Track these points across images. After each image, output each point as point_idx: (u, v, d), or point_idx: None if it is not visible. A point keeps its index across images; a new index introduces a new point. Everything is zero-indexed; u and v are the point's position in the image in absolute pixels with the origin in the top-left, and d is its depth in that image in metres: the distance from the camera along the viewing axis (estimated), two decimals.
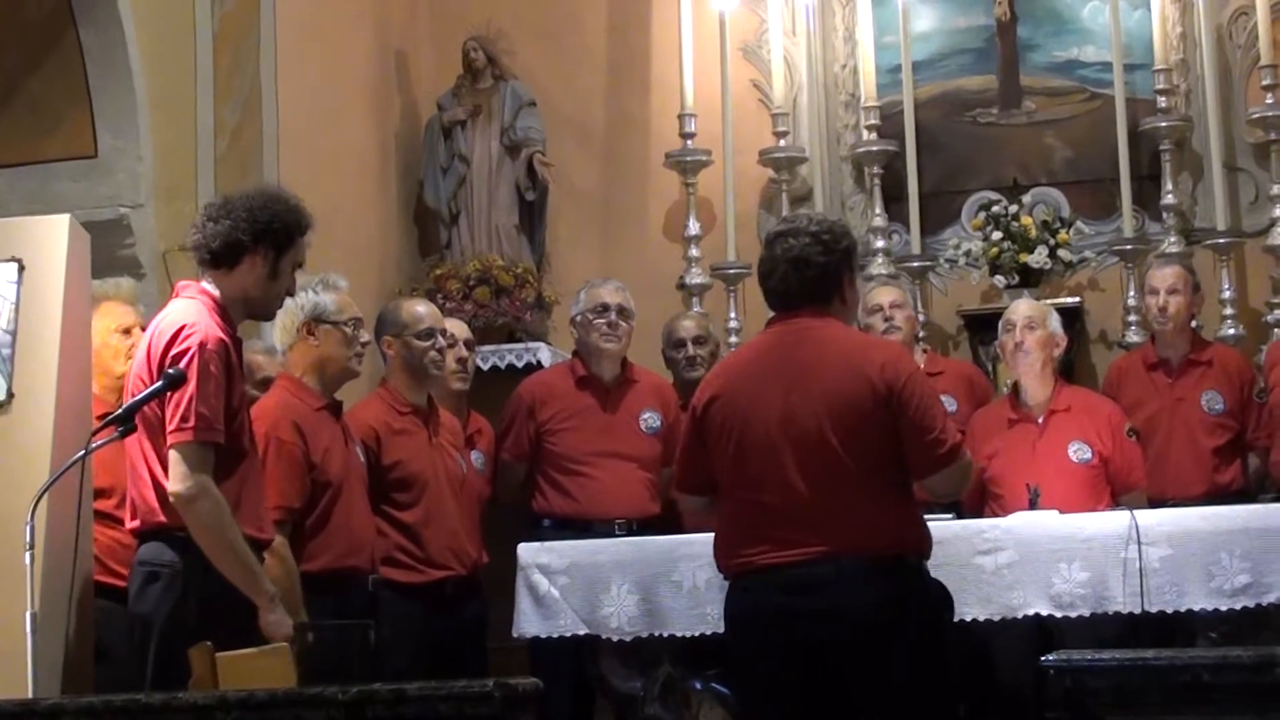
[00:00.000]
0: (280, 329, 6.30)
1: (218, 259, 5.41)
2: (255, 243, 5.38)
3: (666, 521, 7.56)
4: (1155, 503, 7.17)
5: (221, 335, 5.24)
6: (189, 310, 5.34)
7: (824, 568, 5.04)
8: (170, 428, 5.15)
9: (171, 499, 5.16)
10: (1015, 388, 7.45)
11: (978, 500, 7.15)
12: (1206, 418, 7.80)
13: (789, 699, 5.09)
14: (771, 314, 5.43)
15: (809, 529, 5.06)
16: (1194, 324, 8.28)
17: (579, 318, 7.76)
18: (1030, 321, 7.36)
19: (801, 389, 5.15)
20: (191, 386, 5.13)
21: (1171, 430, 7.69)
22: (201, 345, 5.19)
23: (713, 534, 5.42)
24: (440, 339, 7.01)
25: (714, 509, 5.41)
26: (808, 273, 5.26)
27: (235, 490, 5.28)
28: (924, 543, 5.24)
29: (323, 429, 6.20)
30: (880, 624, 5.02)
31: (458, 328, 7.59)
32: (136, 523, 5.32)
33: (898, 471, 5.18)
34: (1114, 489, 7.16)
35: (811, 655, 5.05)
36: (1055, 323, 7.48)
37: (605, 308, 7.69)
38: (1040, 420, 7.26)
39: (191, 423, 5.13)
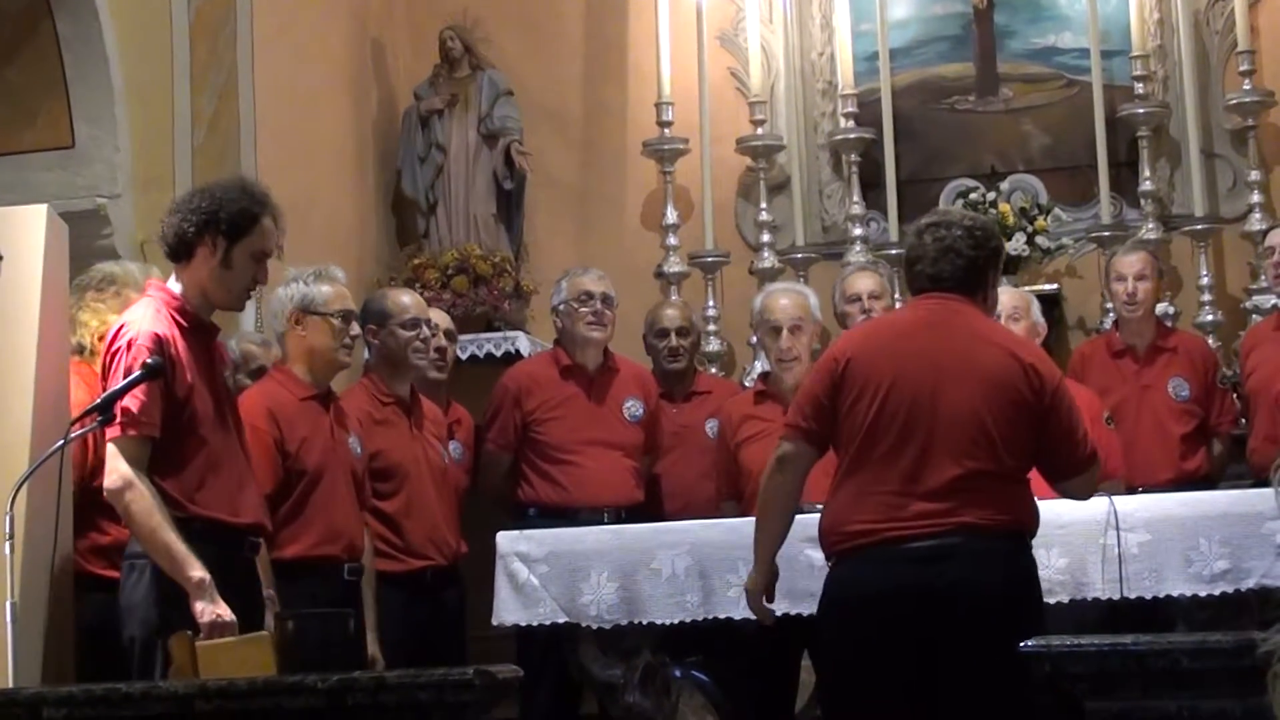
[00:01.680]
0: (274, 316, 6.33)
1: (173, 253, 5.45)
2: (200, 234, 5.38)
3: (650, 509, 7.58)
4: (1125, 489, 7.18)
5: (158, 331, 5.24)
6: (136, 309, 5.41)
7: (956, 539, 5.10)
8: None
9: (105, 493, 5.20)
10: None
11: None
12: (1173, 404, 7.81)
13: (899, 673, 5.11)
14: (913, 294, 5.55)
15: (945, 502, 5.12)
16: (1170, 309, 8.30)
17: (562, 306, 7.74)
18: (1015, 312, 7.35)
19: (957, 365, 5.22)
20: (130, 379, 5.15)
21: (1139, 417, 7.69)
22: (130, 343, 5.23)
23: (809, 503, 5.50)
24: (425, 329, 7.02)
25: (804, 465, 5.41)
26: (958, 261, 5.37)
27: (196, 477, 5.32)
28: (1037, 526, 5.35)
29: (303, 419, 6.19)
30: (1005, 600, 5.11)
31: (440, 318, 7.58)
32: None
33: (1029, 462, 5.30)
34: None
35: (929, 628, 5.08)
36: (1037, 312, 7.49)
37: (589, 295, 7.66)
38: None
39: (118, 418, 5.17)
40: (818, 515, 5.38)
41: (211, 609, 5.09)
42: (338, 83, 9.08)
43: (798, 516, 5.51)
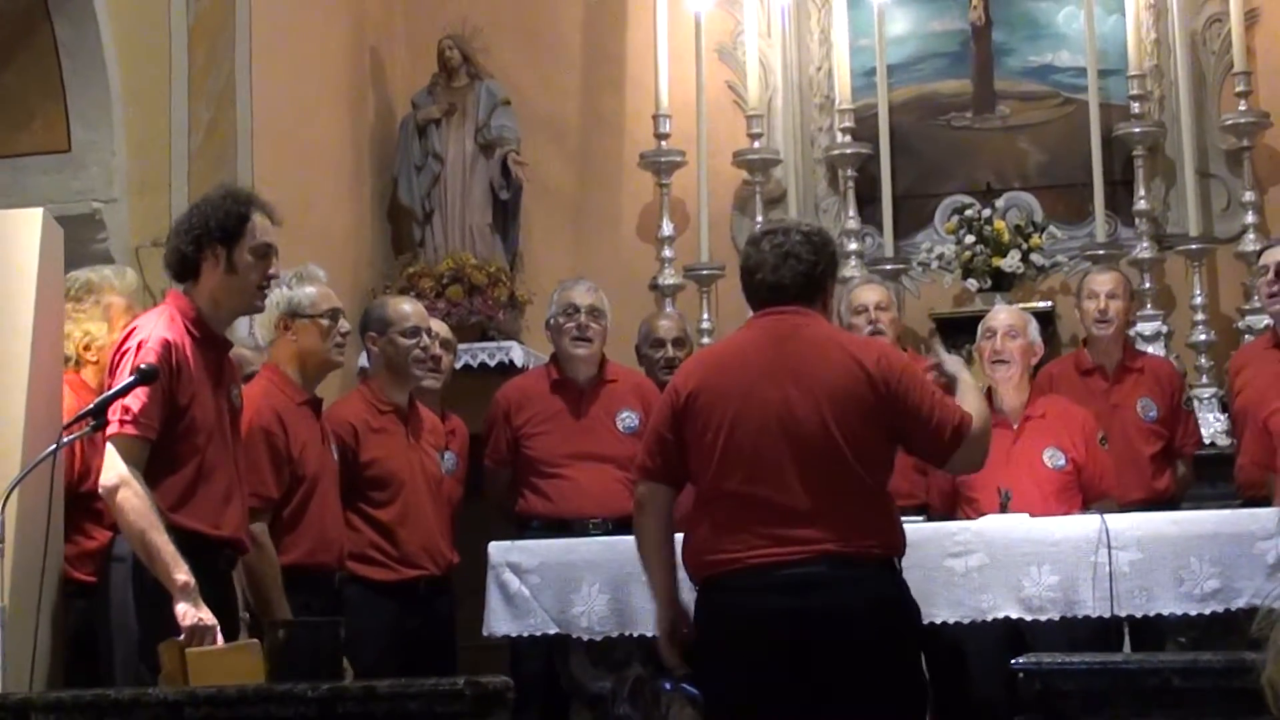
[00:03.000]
0: (260, 325, 6.34)
1: (180, 275, 5.50)
2: (200, 250, 5.42)
3: None
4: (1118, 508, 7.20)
5: (168, 337, 5.26)
6: (148, 316, 5.45)
7: (820, 567, 5.00)
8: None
9: (100, 490, 5.21)
10: (990, 393, 7.42)
11: (951, 504, 7.16)
12: (1142, 425, 7.80)
13: (770, 701, 5.05)
14: (751, 312, 5.41)
15: (807, 527, 5.01)
16: (1163, 328, 8.33)
17: (552, 321, 7.75)
18: (1011, 330, 7.33)
19: (800, 384, 5.10)
20: (121, 384, 5.17)
21: (1110, 436, 7.68)
22: (139, 345, 5.26)
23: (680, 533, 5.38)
24: (425, 338, 7.01)
25: (662, 504, 5.35)
26: (798, 267, 5.25)
27: (184, 485, 5.32)
28: (904, 546, 5.22)
29: (302, 423, 6.20)
30: (874, 625, 5.02)
31: (438, 326, 7.58)
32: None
33: (887, 473, 5.19)
34: (1086, 496, 7.14)
35: (801, 657, 5.00)
36: (1035, 331, 7.46)
37: (575, 309, 7.65)
38: (1015, 426, 7.25)
39: (118, 416, 5.19)
40: None
41: (194, 612, 5.09)
42: (335, 90, 9.08)
43: None
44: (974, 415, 5.26)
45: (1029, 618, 6.16)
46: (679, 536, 5.38)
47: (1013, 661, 4.50)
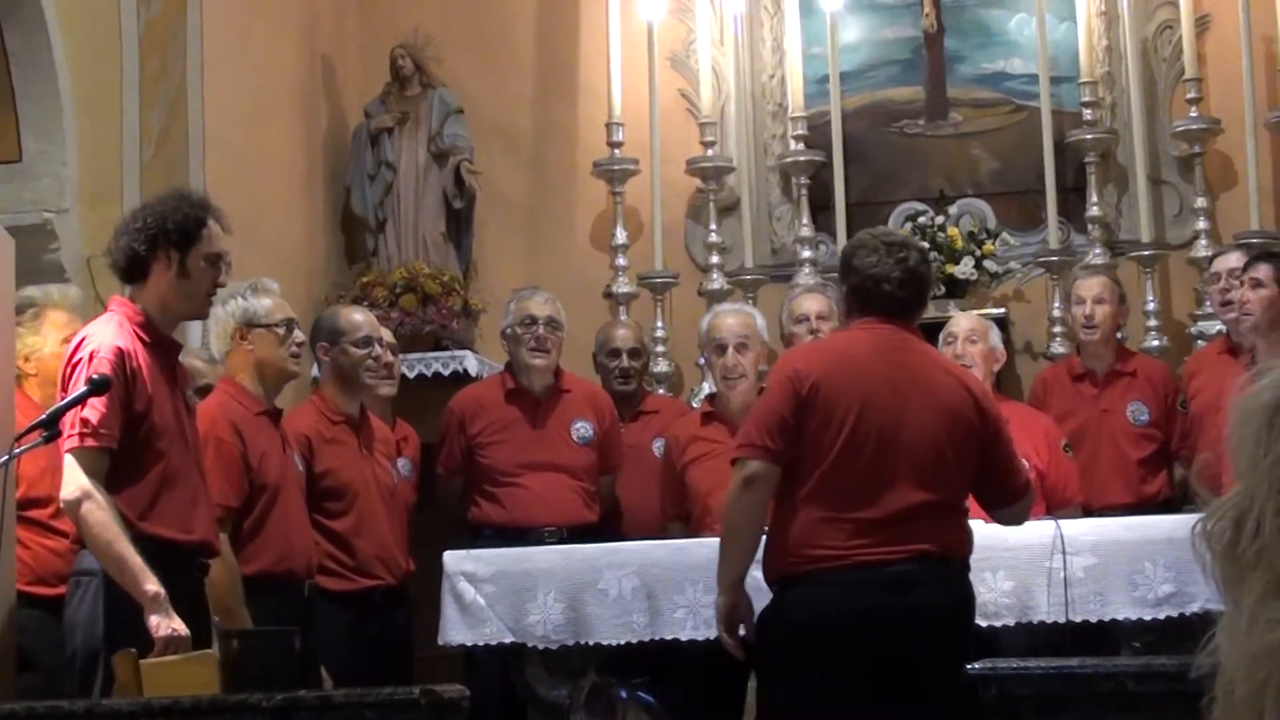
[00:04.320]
0: (216, 337, 6.32)
1: (128, 275, 5.46)
2: (152, 250, 5.40)
3: (603, 529, 7.57)
4: (1083, 513, 7.22)
5: (119, 344, 5.23)
6: (96, 324, 5.41)
7: (916, 565, 5.20)
8: (64, 436, 5.16)
9: (61, 504, 5.18)
10: None
11: None
12: (1132, 429, 7.84)
13: (856, 693, 5.16)
14: (853, 317, 5.59)
15: (909, 529, 5.20)
16: (1119, 335, 8.34)
17: (509, 330, 7.75)
18: (971, 335, 7.37)
19: (918, 395, 5.30)
20: (74, 395, 5.13)
21: (1098, 441, 7.71)
22: (91, 355, 5.22)
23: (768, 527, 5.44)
24: (377, 347, 7.01)
25: (772, 486, 5.37)
26: (920, 287, 5.49)
27: (149, 492, 5.31)
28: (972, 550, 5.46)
29: (260, 433, 6.19)
30: (955, 623, 5.28)
31: (382, 332, 7.58)
32: (73, 532, 5.34)
33: (971, 486, 5.44)
34: (1049, 504, 7.14)
35: (889, 651, 5.16)
36: (995, 337, 7.50)
37: (532, 320, 7.67)
38: None
39: (75, 429, 5.16)
40: None
41: (167, 623, 5.07)
42: (288, 99, 9.05)
43: None
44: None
45: (984, 624, 6.16)
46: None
47: (968, 666, 4.51)
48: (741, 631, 5.46)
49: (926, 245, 5.66)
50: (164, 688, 4.74)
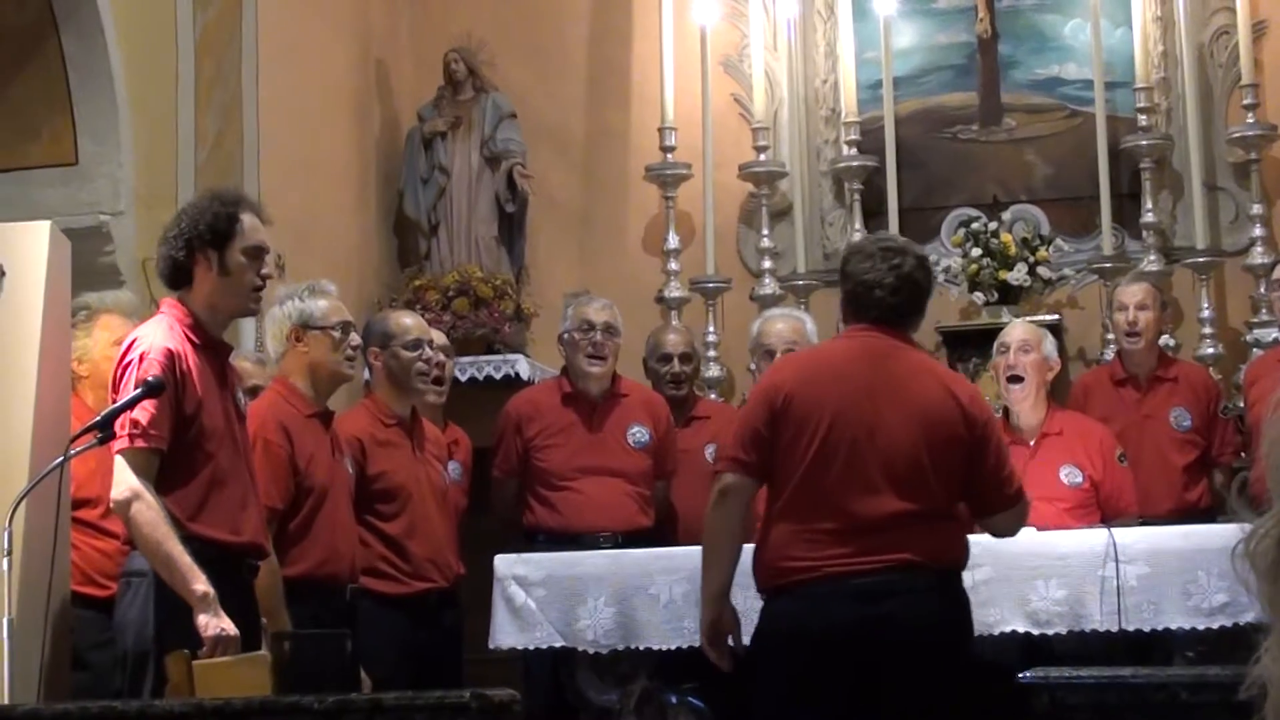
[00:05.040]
0: (270, 337, 6.34)
1: (174, 281, 5.47)
2: (191, 254, 5.40)
3: (658, 535, 7.56)
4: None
5: (170, 346, 5.24)
6: (147, 326, 5.42)
7: (895, 575, 5.11)
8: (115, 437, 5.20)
9: (111, 505, 5.19)
10: (1006, 410, 7.38)
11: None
12: (1175, 434, 7.80)
13: (839, 707, 5.12)
14: (847, 323, 5.56)
15: (885, 538, 5.12)
16: (1170, 341, 8.31)
17: (565, 335, 7.74)
18: (1025, 345, 7.31)
19: (895, 402, 5.22)
20: (128, 397, 5.16)
21: (1140, 447, 7.66)
22: (141, 356, 5.23)
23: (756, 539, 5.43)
24: (427, 349, 7.01)
25: (748, 498, 5.40)
26: (915, 292, 5.39)
27: (199, 493, 5.31)
28: (967, 559, 5.38)
29: (309, 435, 6.20)
30: (940, 634, 5.16)
31: (435, 335, 7.59)
32: (123, 533, 5.36)
33: (959, 497, 5.33)
34: (1105, 514, 7.11)
35: (867, 663, 5.10)
36: (1050, 346, 7.43)
37: (590, 326, 7.66)
38: (1032, 443, 7.22)
39: (126, 430, 5.17)
40: None
41: (215, 623, 5.07)
42: (342, 103, 9.08)
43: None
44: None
45: (1036, 632, 6.15)
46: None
47: (1020, 675, 4.50)
48: (730, 642, 5.43)
49: (923, 252, 5.56)
50: (216, 689, 4.75)
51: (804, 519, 5.22)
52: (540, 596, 6.49)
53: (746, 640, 5.47)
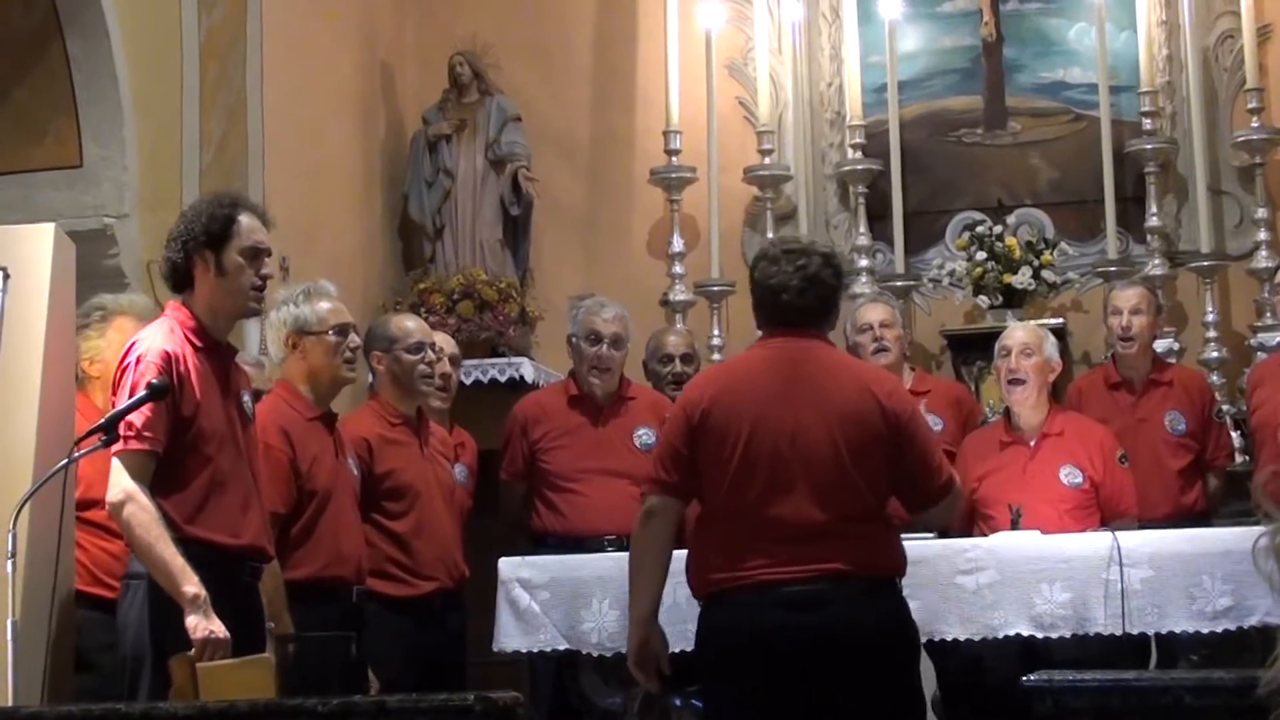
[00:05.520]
0: (271, 343, 6.34)
1: (176, 285, 5.48)
2: (188, 257, 5.41)
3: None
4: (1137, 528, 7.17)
5: (167, 349, 5.25)
6: (148, 330, 5.42)
7: (826, 585, 5.04)
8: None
9: (106, 507, 5.20)
10: (1008, 411, 7.38)
11: (968, 521, 7.13)
12: (1169, 438, 7.78)
13: (783, 712, 5.07)
14: (760, 330, 5.45)
15: (815, 547, 5.05)
16: (1174, 345, 8.31)
17: (574, 340, 7.73)
18: (1026, 348, 7.29)
19: (813, 406, 5.15)
20: (133, 399, 5.16)
21: (1136, 451, 7.62)
22: (138, 360, 5.23)
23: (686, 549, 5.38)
24: (429, 352, 7.01)
25: (673, 518, 5.35)
26: (822, 292, 5.29)
27: (198, 496, 5.30)
28: (905, 566, 5.28)
29: (312, 438, 6.19)
30: (879, 644, 5.07)
31: (444, 341, 7.59)
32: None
33: (888, 495, 5.24)
34: (1105, 515, 7.10)
35: (805, 673, 5.03)
36: (1051, 347, 7.41)
37: (597, 339, 7.64)
38: (1032, 444, 7.22)
39: (121, 433, 5.17)
40: None
41: (205, 624, 5.06)
42: (346, 106, 9.09)
43: None
44: (956, 476, 5.42)
45: (1040, 635, 6.15)
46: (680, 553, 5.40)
47: (1023, 678, 4.49)
48: (658, 665, 5.36)
49: (831, 251, 5.48)
50: (220, 691, 4.76)
51: (730, 529, 5.16)
52: (544, 599, 6.48)
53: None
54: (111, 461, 5.21)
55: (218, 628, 5.07)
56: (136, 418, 5.16)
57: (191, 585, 5.09)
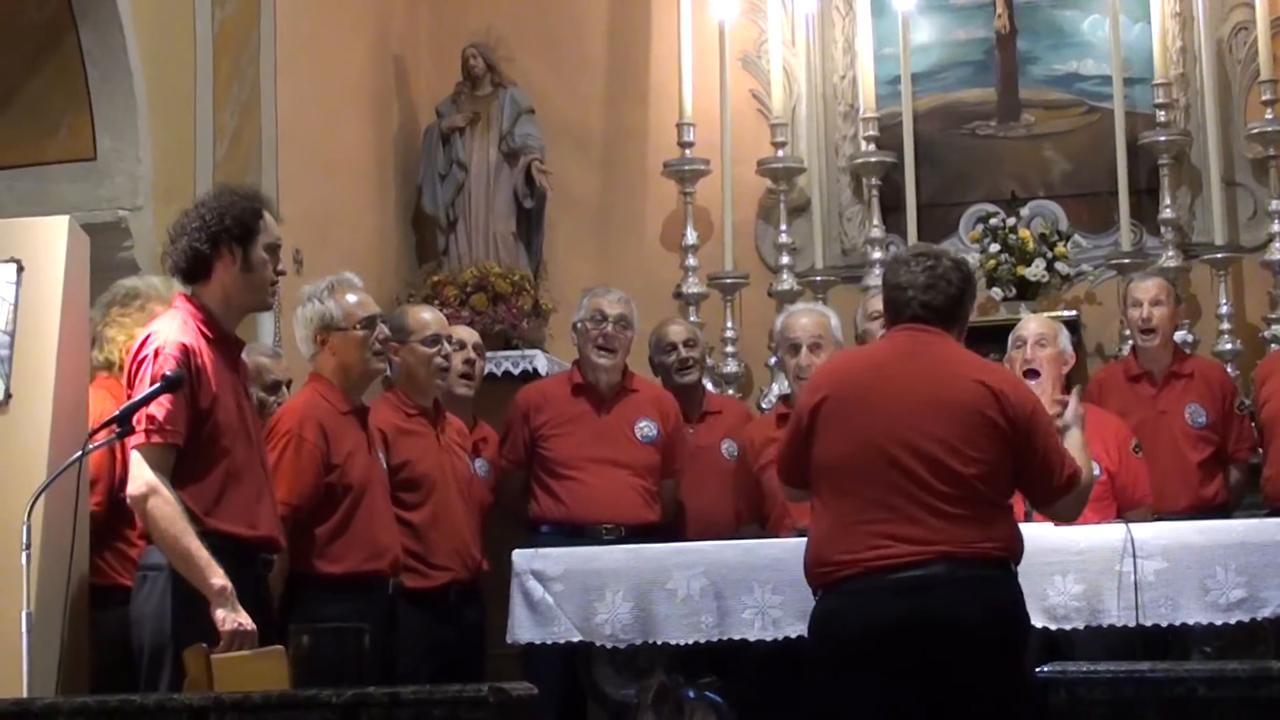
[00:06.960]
0: (300, 340, 6.36)
1: (191, 275, 5.47)
2: (215, 247, 5.43)
3: (666, 529, 7.56)
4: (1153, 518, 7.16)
5: (184, 340, 5.26)
6: (162, 320, 5.44)
7: (938, 567, 5.12)
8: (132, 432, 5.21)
9: (128, 500, 5.20)
10: None
11: None
12: (1190, 430, 7.79)
13: (886, 704, 5.12)
14: (887, 329, 5.61)
15: (927, 531, 5.14)
16: (1188, 337, 8.29)
17: (579, 325, 7.76)
18: (1041, 339, 7.28)
19: (927, 396, 5.26)
20: (147, 391, 5.16)
21: (1155, 443, 7.62)
22: (156, 352, 5.25)
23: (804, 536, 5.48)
24: (446, 345, 7.02)
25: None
26: (949, 290, 5.43)
27: (215, 488, 5.33)
28: (1021, 550, 5.37)
29: (347, 433, 6.22)
30: (989, 628, 5.15)
31: (467, 333, 7.63)
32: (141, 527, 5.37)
33: (1007, 486, 5.34)
34: (1120, 505, 7.09)
35: (913, 659, 5.09)
36: (1065, 339, 7.40)
37: (602, 317, 7.67)
38: None
39: (143, 426, 5.19)
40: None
41: (233, 617, 5.10)
42: (360, 99, 9.09)
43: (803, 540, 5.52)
44: (1081, 469, 5.51)
45: (1054, 627, 6.14)
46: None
47: (1038, 670, 4.49)
48: None
49: (959, 258, 5.59)
50: (235, 682, 4.76)
51: (844, 515, 5.25)
52: (558, 591, 6.48)
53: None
54: (132, 455, 5.22)
55: (245, 620, 5.12)
56: (157, 410, 5.18)
57: (219, 578, 5.12)
